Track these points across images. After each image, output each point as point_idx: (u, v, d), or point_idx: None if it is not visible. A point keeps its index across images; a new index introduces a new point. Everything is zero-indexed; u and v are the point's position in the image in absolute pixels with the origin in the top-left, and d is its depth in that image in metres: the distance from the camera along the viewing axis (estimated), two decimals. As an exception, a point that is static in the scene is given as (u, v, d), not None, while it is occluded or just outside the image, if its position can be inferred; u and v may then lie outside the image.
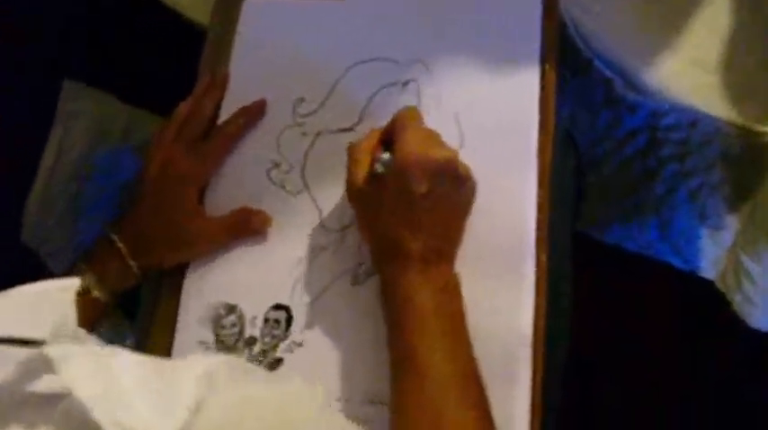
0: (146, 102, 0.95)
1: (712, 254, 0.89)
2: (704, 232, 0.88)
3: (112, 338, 0.81)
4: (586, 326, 0.83)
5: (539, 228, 0.72)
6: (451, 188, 0.69)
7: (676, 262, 0.93)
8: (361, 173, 0.69)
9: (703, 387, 1.04)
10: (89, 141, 0.93)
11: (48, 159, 0.91)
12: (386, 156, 0.68)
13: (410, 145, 0.67)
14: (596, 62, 0.81)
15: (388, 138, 0.70)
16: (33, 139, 0.91)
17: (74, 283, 0.72)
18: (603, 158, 0.88)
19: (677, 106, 0.79)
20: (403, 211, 0.67)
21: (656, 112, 0.81)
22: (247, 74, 0.83)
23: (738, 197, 0.84)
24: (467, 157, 0.71)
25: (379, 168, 0.68)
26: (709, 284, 0.90)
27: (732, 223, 0.86)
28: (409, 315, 0.66)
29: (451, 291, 0.68)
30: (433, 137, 0.70)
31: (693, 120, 0.80)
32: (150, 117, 0.94)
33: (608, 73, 0.81)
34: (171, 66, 0.91)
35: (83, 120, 0.93)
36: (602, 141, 0.87)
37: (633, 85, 0.80)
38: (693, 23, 0.80)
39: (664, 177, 0.86)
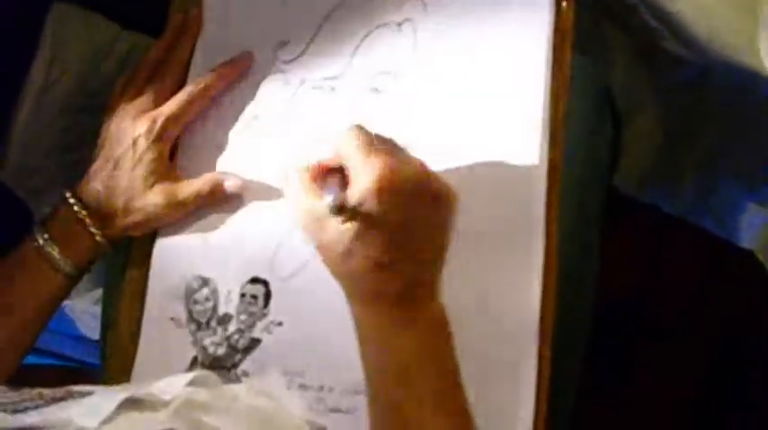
0: (147, 27, 0.84)
1: (757, 225, 0.81)
2: (749, 205, 0.80)
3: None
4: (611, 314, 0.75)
5: (549, 197, 0.62)
6: (429, 208, 0.57)
7: (714, 228, 0.85)
8: (318, 203, 0.57)
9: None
10: (82, 70, 0.83)
11: (32, 88, 0.82)
12: (336, 192, 0.56)
13: (371, 168, 0.55)
14: (641, 8, 0.72)
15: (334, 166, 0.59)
16: (18, 65, 0.82)
17: None
18: (640, 110, 0.80)
19: (729, 65, 0.71)
20: (376, 248, 0.55)
21: (705, 70, 0.72)
22: (223, 14, 0.74)
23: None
24: (468, 115, 0.64)
25: (333, 202, 0.55)
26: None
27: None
28: (390, 364, 0.56)
29: (437, 327, 0.58)
30: (394, 151, 0.58)
31: (747, 81, 0.71)
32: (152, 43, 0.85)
33: (653, 22, 0.72)
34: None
35: (75, 47, 0.83)
36: (640, 94, 0.78)
37: (681, 37, 0.72)
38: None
39: (707, 140, 0.78)
